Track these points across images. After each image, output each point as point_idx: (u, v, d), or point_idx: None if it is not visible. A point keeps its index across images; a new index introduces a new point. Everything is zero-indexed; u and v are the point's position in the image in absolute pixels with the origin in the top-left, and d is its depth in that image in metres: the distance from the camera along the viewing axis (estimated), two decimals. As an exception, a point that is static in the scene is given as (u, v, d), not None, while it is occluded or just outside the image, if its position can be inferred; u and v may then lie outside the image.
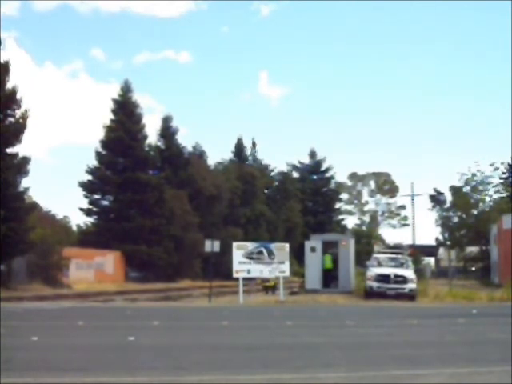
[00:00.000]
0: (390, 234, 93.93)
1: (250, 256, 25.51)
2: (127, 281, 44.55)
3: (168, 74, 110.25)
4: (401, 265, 29.10)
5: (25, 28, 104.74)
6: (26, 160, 31.78)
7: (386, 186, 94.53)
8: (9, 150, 31.25)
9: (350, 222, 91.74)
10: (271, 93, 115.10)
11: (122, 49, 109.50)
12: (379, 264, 29.14)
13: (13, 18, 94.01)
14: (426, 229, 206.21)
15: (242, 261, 25.40)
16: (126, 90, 50.02)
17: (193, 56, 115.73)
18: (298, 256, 42.86)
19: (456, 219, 57.31)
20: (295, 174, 77.27)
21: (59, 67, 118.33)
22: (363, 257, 42.16)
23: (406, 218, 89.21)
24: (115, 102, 49.81)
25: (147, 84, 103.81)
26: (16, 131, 31.15)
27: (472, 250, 55.28)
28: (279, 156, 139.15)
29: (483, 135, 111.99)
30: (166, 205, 49.01)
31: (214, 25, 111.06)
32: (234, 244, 26.63)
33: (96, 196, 50.04)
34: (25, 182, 32.86)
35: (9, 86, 31.50)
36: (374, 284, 26.93)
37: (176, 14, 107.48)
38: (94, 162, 49.59)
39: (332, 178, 79.35)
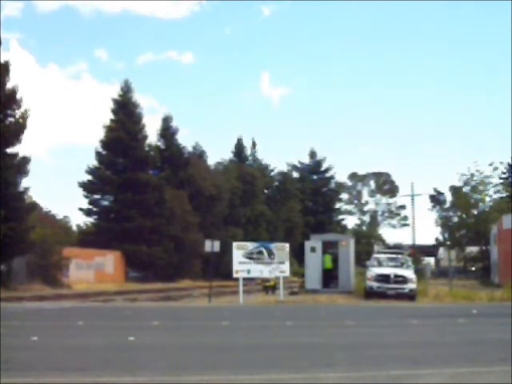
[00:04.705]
0: (390, 233, 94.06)
1: (249, 256, 25.48)
2: (127, 281, 44.55)
3: (170, 75, 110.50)
4: (401, 265, 29.07)
5: (28, 29, 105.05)
6: (25, 160, 31.79)
7: (385, 186, 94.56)
8: (9, 150, 31.27)
9: (350, 222, 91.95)
10: (272, 93, 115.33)
11: (125, 50, 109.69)
12: (379, 264, 29.11)
13: (16, 19, 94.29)
14: (426, 229, 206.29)
15: (242, 261, 25.37)
16: (126, 90, 50.04)
17: (195, 57, 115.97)
18: (298, 256, 42.86)
19: (456, 219, 57.25)
20: (295, 174, 77.32)
21: (62, 68, 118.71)
22: (363, 257, 42.17)
23: (406, 218, 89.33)
24: (115, 102, 49.81)
25: (150, 85, 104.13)
26: (16, 131, 31.17)
27: (472, 249, 55.19)
28: (279, 156, 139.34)
29: (483, 135, 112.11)
30: (166, 205, 49.01)
31: (216, 26, 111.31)
32: (234, 244, 26.60)
33: (96, 196, 50.04)
34: (25, 182, 32.89)
35: (9, 85, 31.52)
36: (374, 284, 26.89)
37: (178, 16, 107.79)
38: (94, 162, 49.71)
39: (332, 177, 79.43)
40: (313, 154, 78.27)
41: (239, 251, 25.64)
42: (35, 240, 32.55)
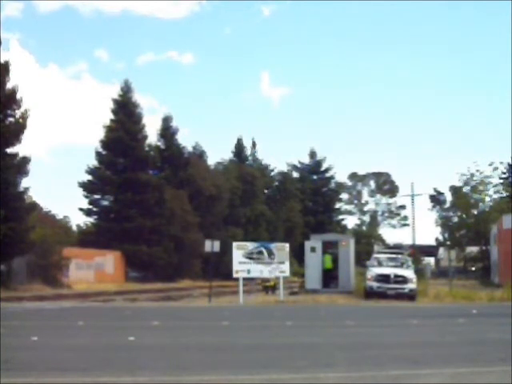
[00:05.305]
0: (390, 233, 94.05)
1: (249, 256, 25.47)
2: (127, 281, 44.55)
3: (170, 75, 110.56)
4: (401, 265, 29.07)
5: (28, 29, 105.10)
6: (26, 160, 31.79)
7: (385, 186, 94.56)
8: (9, 150, 31.27)
9: (350, 222, 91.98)
10: (272, 93, 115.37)
11: (125, 50, 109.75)
12: (379, 264, 29.10)
13: (16, 19, 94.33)
14: (426, 229, 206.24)
15: (242, 261, 25.36)
16: (126, 90, 50.04)
17: (195, 57, 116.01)
18: (298, 256, 42.85)
19: (456, 219, 57.26)
20: (295, 174, 77.32)
21: (62, 68, 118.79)
22: (363, 257, 42.15)
23: (406, 218, 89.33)
24: (115, 102, 49.81)
25: (150, 85, 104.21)
26: (16, 131, 31.17)
27: (472, 249, 55.19)
28: (279, 156, 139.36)
29: (483, 135, 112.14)
30: (166, 205, 49.00)
31: (216, 26, 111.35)
32: (234, 244, 26.59)
33: (96, 196, 50.05)
34: (25, 182, 32.91)
35: (9, 85, 31.53)
36: (374, 284, 26.89)
37: (178, 16, 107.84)
38: (94, 162, 49.73)
39: (332, 177, 79.42)
40: (313, 154, 78.31)
41: (239, 251, 25.63)
42: (35, 240, 32.55)
